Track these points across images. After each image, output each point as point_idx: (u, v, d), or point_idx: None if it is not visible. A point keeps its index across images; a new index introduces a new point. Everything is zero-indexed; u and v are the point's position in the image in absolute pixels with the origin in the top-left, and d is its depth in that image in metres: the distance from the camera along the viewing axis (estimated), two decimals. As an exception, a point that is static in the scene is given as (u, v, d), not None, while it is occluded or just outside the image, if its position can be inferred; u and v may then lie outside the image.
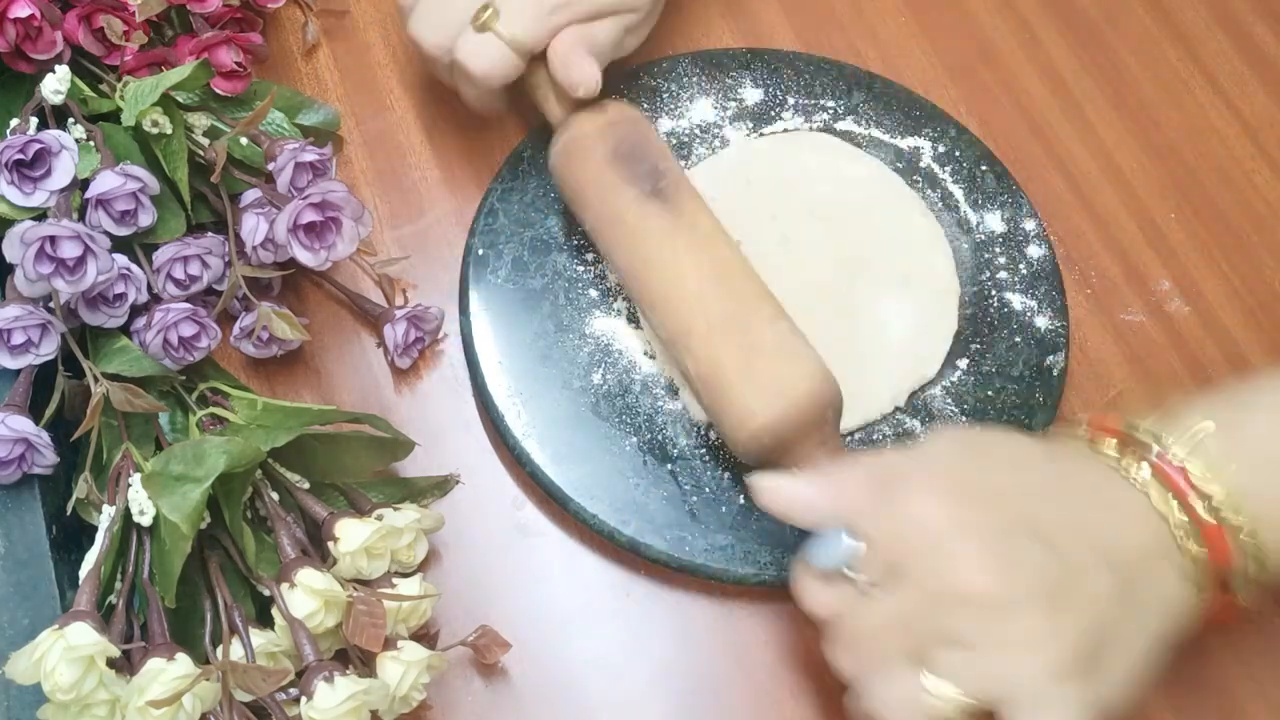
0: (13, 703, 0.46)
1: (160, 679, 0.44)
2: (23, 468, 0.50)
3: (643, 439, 0.55)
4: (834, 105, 0.63)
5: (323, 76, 0.65)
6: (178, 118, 0.53)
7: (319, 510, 0.50)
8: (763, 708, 0.52)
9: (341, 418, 0.53)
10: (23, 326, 0.50)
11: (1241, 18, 0.69)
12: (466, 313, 0.57)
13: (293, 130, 0.58)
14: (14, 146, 0.49)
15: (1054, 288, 0.59)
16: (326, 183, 0.52)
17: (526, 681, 0.52)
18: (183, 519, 0.46)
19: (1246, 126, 0.66)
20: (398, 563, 0.50)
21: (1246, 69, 0.68)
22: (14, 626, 0.48)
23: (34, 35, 0.53)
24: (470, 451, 0.57)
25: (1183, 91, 0.67)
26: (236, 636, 0.47)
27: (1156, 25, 0.69)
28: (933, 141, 0.62)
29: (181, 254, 0.53)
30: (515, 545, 0.55)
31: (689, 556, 0.53)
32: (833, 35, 0.68)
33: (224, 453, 0.47)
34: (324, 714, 0.44)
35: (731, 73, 0.64)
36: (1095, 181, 0.64)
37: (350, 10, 0.67)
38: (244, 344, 0.56)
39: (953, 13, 0.69)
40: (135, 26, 0.56)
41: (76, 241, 0.48)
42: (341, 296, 0.60)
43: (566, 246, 0.59)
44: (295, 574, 0.47)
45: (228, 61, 0.56)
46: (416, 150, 0.63)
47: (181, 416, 0.54)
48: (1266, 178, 0.65)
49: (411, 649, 0.47)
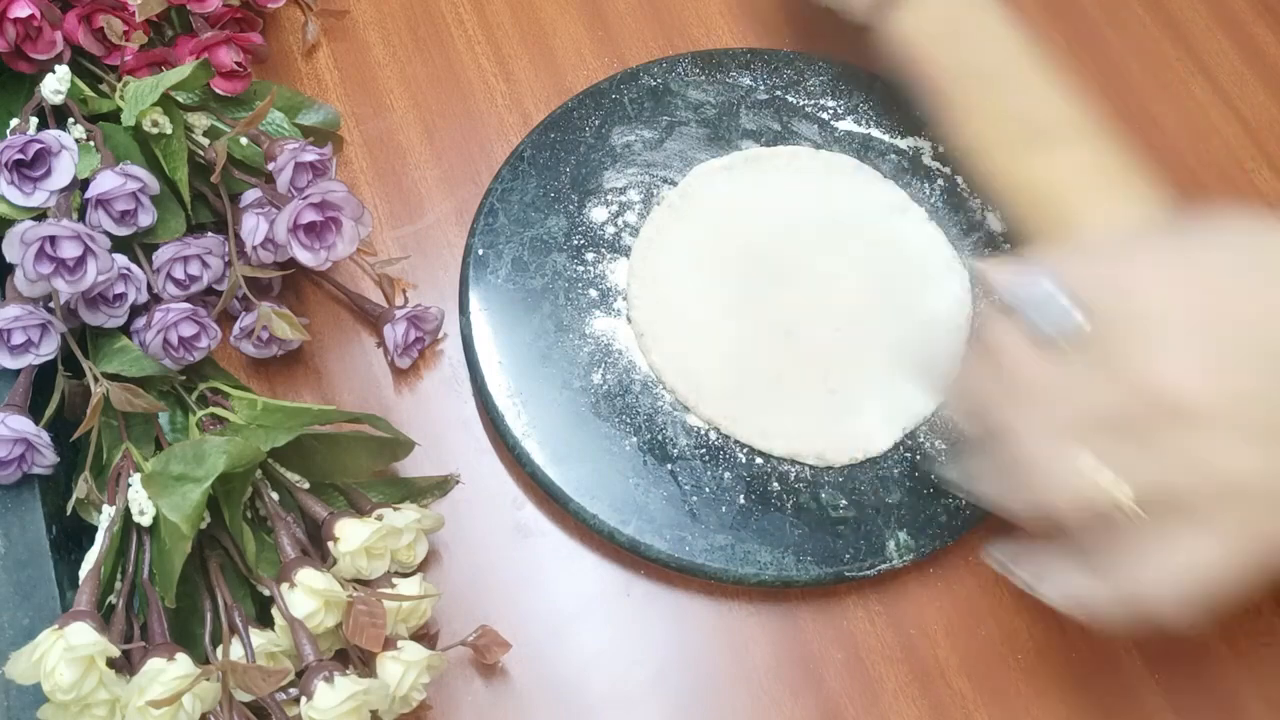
0: (13, 703, 0.46)
1: (160, 679, 0.44)
2: (23, 468, 0.50)
3: (643, 439, 0.55)
4: (834, 105, 0.63)
5: (323, 76, 0.65)
6: (178, 118, 0.53)
7: (319, 510, 0.50)
8: (763, 708, 0.52)
9: (341, 418, 0.53)
10: (23, 326, 0.50)
11: (1241, 18, 0.69)
12: (466, 313, 0.57)
13: (293, 130, 0.58)
14: (14, 146, 0.49)
15: None
16: (326, 183, 0.52)
17: (526, 681, 0.52)
18: (183, 519, 0.46)
19: (1246, 126, 0.66)
20: (398, 563, 0.50)
21: (1246, 69, 0.68)
22: (14, 626, 0.48)
23: (34, 35, 0.53)
24: (470, 451, 0.57)
25: (1183, 91, 0.67)
26: (236, 636, 0.47)
27: (1156, 25, 0.69)
28: (933, 141, 0.62)
29: (181, 254, 0.53)
30: (515, 545, 0.55)
31: (689, 556, 0.53)
32: (833, 35, 0.68)
33: (224, 453, 0.47)
34: (324, 714, 0.44)
35: (731, 73, 0.64)
36: (1095, 181, 0.64)
37: (350, 10, 0.67)
38: (244, 344, 0.56)
39: (953, 13, 0.69)
40: (135, 26, 0.56)
41: (76, 241, 0.48)
42: (341, 296, 0.60)
43: (566, 246, 0.59)
44: (295, 574, 0.47)
45: (228, 61, 0.56)
46: (416, 150, 0.63)
47: (181, 416, 0.54)
48: (1266, 178, 0.65)
49: (411, 649, 0.47)
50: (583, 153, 0.61)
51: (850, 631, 0.54)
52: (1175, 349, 0.40)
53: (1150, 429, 0.40)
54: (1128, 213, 0.50)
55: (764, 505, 0.54)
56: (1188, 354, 0.40)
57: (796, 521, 0.54)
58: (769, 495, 0.54)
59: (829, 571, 0.53)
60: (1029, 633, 0.54)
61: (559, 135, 0.61)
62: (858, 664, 0.53)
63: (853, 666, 0.53)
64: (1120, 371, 0.40)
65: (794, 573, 0.53)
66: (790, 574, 0.53)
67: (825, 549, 0.53)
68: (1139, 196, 0.51)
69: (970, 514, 0.54)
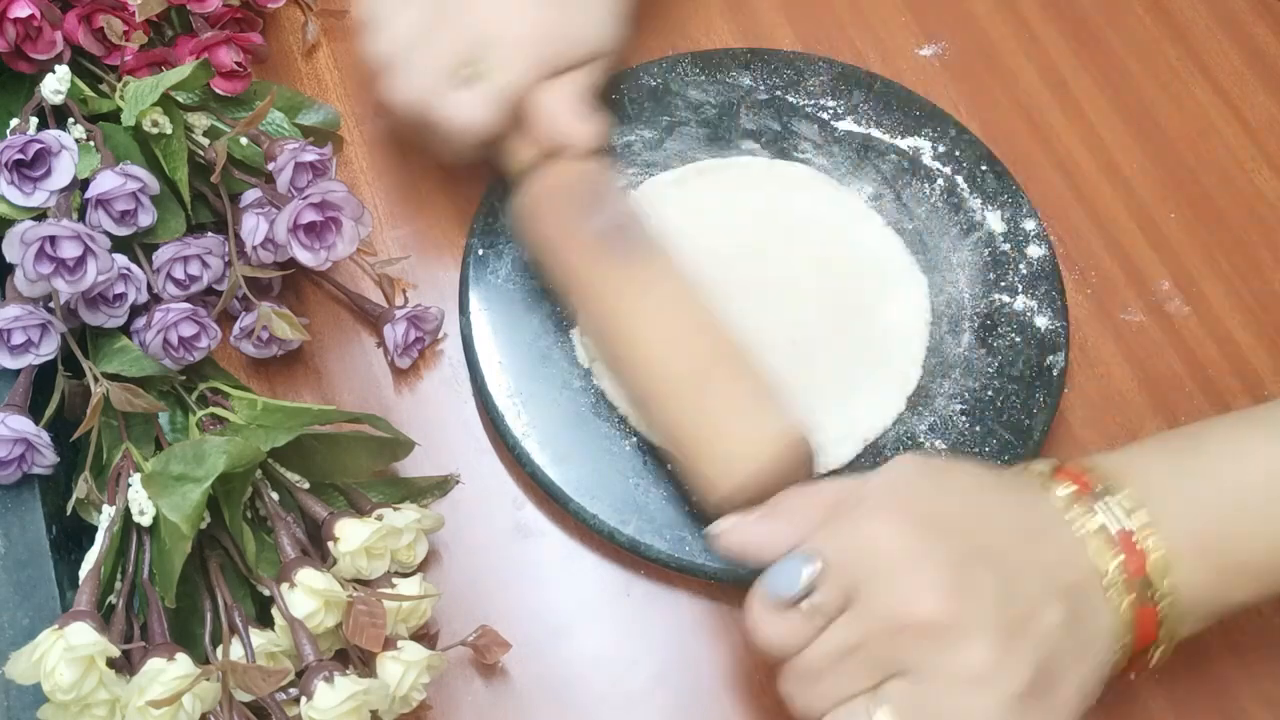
0: (13, 703, 0.46)
1: (160, 679, 0.44)
2: (23, 468, 0.50)
3: (643, 439, 0.55)
4: (834, 105, 0.63)
5: (323, 76, 0.65)
6: (178, 118, 0.53)
7: (319, 510, 0.50)
8: (762, 707, 0.52)
9: (341, 418, 0.53)
10: (23, 326, 0.50)
11: (1241, 18, 0.69)
12: (466, 313, 0.57)
13: (293, 130, 0.58)
14: (14, 146, 0.49)
15: (1054, 287, 0.59)
16: (326, 183, 0.52)
17: (526, 681, 0.52)
18: (183, 519, 0.46)
19: (1246, 126, 0.66)
20: (398, 563, 0.50)
21: (1246, 69, 0.68)
22: (14, 626, 0.48)
23: (34, 35, 0.53)
24: (470, 451, 0.57)
25: (1183, 91, 0.67)
26: (236, 636, 0.47)
27: (1156, 25, 0.69)
28: (933, 141, 0.62)
29: (181, 254, 0.53)
30: (515, 545, 0.55)
31: (689, 556, 0.53)
32: (833, 35, 0.68)
33: (224, 453, 0.47)
34: (324, 714, 0.44)
35: (731, 73, 0.64)
36: (1095, 181, 0.64)
37: (350, 10, 0.67)
38: (244, 344, 0.56)
39: (953, 13, 0.69)
40: (135, 26, 0.56)
41: (76, 241, 0.48)
42: (341, 296, 0.60)
43: (566, 246, 0.59)
44: (295, 574, 0.47)
45: (228, 61, 0.56)
46: (416, 150, 0.63)
47: (181, 416, 0.54)
48: (1266, 178, 0.65)
49: (411, 649, 0.47)
50: (583, 153, 0.61)
51: (850, 631, 0.54)
52: (911, 578, 0.43)
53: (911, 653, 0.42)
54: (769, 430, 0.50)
55: (764, 505, 0.54)
56: (923, 580, 0.42)
57: (796, 521, 0.54)
58: (769, 495, 0.54)
59: (829, 571, 0.53)
60: (1029, 633, 0.54)
61: (559, 135, 0.61)
62: (858, 664, 0.53)
63: (853, 666, 0.53)
64: (873, 610, 0.43)
65: (794, 573, 0.53)
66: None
67: (825, 549, 0.53)
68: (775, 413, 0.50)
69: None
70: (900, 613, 0.42)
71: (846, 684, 0.43)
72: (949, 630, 0.42)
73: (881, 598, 0.43)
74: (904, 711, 0.42)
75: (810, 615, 0.44)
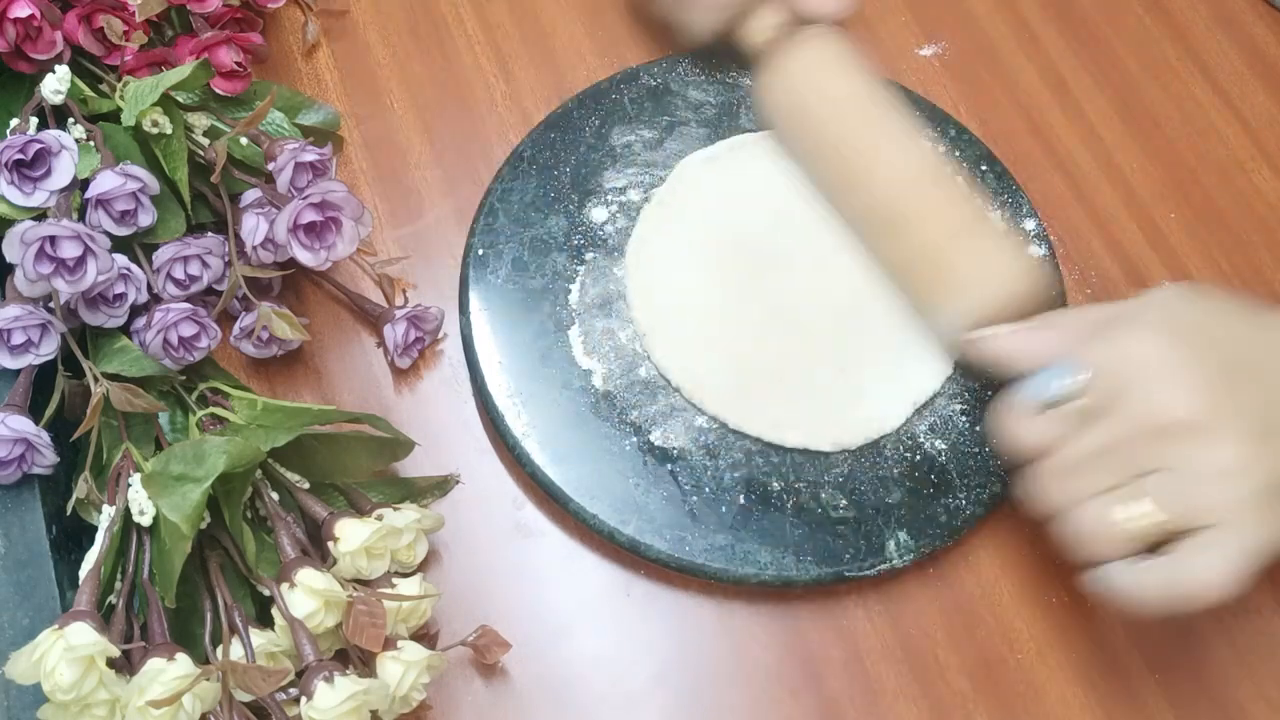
0: (13, 703, 0.46)
1: (160, 679, 0.44)
2: (23, 468, 0.50)
3: (643, 439, 0.55)
4: (834, 105, 0.63)
5: (323, 76, 0.65)
6: (178, 118, 0.53)
7: (319, 510, 0.50)
8: (762, 708, 0.52)
9: (341, 418, 0.53)
10: (23, 326, 0.50)
11: (1241, 18, 0.69)
12: (466, 313, 0.57)
13: (293, 130, 0.58)
14: (14, 146, 0.49)
15: (1054, 287, 0.59)
16: (326, 183, 0.52)
17: (526, 681, 0.52)
18: (183, 519, 0.46)
19: (1246, 126, 0.66)
20: (398, 563, 0.50)
21: (1246, 69, 0.68)
22: (14, 626, 0.48)
23: (34, 35, 0.53)
24: (470, 451, 0.57)
25: (1182, 91, 0.67)
26: (236, 636, 0.47)
27: (1156, 25, 0.69)
28: (933, 141, 0.62)
29: (181, 254, 0.53)
30: (515, 545, 0.55)
31: (689, 556, 0.53)
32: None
33: (224, 453, 0.47)
34: (324, 714, 0.44)
35: (731, 73, 0.64)
36: (1095, 181, 0.64)
37: (350, 10, 0.67)
38: (244, 344, 0.56)
39: (953, 13, 0.69)
40: (135, 26, 0.56)
41: (76, 241, 0.48)
42: (341, 296, 0.60)
43: (566, 246, 0.59)
44: (295, 574, 0.47)
45: (228, 61, 0.56)
46: (416, 150, 0.63)
47: (181, 416, 0.54)
48: (1266, 177, 0.65)
49: (411, 649, 0.47)
50: (583, 153, 0.61)
51: (850, 631, 0.54)
52: (1171, 384, 0.46)
53: (1166, 452, 0.45)
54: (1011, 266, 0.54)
55: (764, 505, 0.54)
56: (1182, 385, 0.46)
57: (796, 521, 0.54)
58: (769, 495, 0.54)
59: (829, 571, 0.53)
60: (1029, 633, 0.54)
61: (559, 135, 0.61)
62: (857, 664, 0.53)
63: (852, 666, 0.53)
64: (1132, 413, 0.46)
65: (794, 573, 0.53)
66: (790, 574, 0.53)
67: (825, 549, 0.53)
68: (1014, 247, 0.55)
69: (970, 514, 0.54)
70: (1160, 414, 0.45)
71: (1102, 479, 0.46)
72: (1206, 430, 0.45)
73: (1143, 402, 0.46)
74: (1162, 501, 0.45)
75: (1067, 419, 0.47)
